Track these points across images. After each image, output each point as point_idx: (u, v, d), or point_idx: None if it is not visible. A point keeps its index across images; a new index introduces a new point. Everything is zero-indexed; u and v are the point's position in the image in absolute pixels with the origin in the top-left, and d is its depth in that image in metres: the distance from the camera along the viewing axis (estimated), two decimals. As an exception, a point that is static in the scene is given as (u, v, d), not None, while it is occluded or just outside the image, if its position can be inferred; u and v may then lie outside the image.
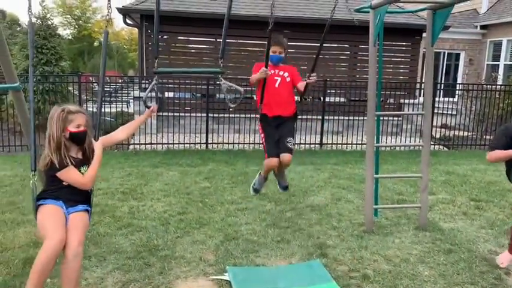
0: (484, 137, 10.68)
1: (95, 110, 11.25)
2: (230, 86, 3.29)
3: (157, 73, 3.44)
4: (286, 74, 4.50)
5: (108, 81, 14.57)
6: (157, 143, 8.97)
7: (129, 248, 4.02)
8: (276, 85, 4.41)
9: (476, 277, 3.59)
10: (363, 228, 4.57)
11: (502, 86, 11.42)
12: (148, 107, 3.52)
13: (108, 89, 15.02)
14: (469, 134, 10.76)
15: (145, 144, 8.92)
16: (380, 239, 4.34)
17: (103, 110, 10.69)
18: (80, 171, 2.94)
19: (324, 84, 9.82)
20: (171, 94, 9.93)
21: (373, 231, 4.51)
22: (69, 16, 41.27)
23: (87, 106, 9.78)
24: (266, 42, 4.17)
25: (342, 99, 10.40)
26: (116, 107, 10.18)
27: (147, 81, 10.41)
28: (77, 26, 41.89)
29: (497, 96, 10.65)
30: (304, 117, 10.25)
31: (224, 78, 3.59)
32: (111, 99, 12.74)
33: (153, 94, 3.59)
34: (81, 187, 2.93)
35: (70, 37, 40.48)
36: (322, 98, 10.01)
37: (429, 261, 3.89)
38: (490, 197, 5.88)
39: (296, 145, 9.37)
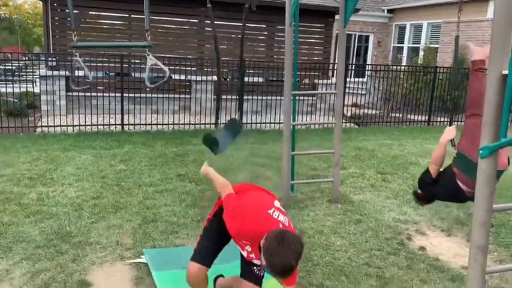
0: (390, 114, 11.48)
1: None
2: (156, 64, 3.07)
3: (76, 47, 3.09)
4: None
5: (10, 58, 13.35)
6: (67, 125, 8.44)
7: (38, 236, 3.79)
8: None
9: (382, 243, 3.90)
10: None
11: (406, 67, 12.31)
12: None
13: (10, 67, 13.78)
14: (377, 111, 11.50)
15: (54, 126, 8.35)
16: (296, 213, 4.52)
17: (4, 90, 9.76)
18: None
19: (243, 64, 9.85)
20: (81, 73, 9.35)
21: (290, 206, 4.68)
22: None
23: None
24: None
25: (260, 79, 10.53)
26: (20, 87, 9.36)
27: (54, 59, 9.71)
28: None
29: (401, 76, 11.46)
30: (224, 97, 10.25)
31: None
32: (15, 78, 11.71)
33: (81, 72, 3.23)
34: None
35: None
36: (242, 79, 10.05)
37: (341, 232, 4.14)
38: (394, 170, 6.37)
39: (216, 125, 9.40)
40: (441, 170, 3.17)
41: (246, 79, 9.89)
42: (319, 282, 3.22)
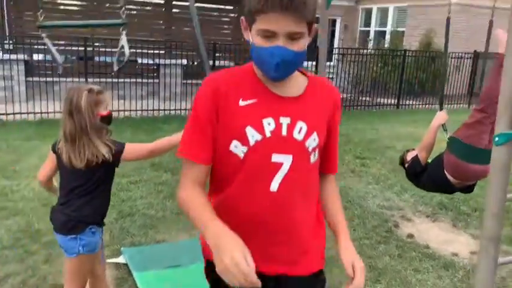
0: (360, 98, 11.50)
1: None
2: (121, 46, 2.82)
3: (42, 27, 2.78)
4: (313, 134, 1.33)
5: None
6: (28, 112, 7.92)
7: (4, 235, 3.47)
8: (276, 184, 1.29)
9: (370, 232, 3.82)
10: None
11: (374, 51, 12.33)
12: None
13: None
14: (347, 95, 11.48)
15: (13, 113, 7.81)
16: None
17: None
18: None
19: (214, 47, 9.54)
20: (40, 56, 8.81)
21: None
22: None
23: None
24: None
25: (232, 63, 10.26)
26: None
27: (11, 42, 9.07)
28: None
29: (370, 60, 11.47)
30: (189, 81, 9.90)
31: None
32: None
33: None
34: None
35: None
36: (213, 62, 9.74)
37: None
38: (372, 154, 6.34)
39: (179, 111, 9.03)
40: (429, 161, 2.98)
41: (217, 63, 9.61)
42: (311, 275, 3.10)
